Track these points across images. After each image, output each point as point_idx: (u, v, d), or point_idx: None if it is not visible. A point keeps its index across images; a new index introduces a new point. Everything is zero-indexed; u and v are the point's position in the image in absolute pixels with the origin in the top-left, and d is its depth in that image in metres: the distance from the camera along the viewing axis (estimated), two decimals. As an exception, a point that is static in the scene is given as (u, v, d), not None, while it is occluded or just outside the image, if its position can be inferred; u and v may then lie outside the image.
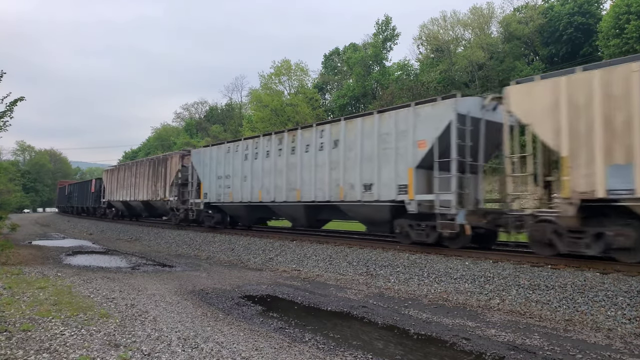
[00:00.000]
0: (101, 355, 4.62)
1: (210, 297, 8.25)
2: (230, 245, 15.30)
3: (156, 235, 20.22)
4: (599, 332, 6.13)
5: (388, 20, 52.37)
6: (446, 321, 6.69)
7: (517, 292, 7.78)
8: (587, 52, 40.26)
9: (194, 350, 5.00)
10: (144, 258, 14.46)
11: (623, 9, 29.81)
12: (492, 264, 9.14)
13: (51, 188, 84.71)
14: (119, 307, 6.95)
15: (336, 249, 12.24)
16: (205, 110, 79.17)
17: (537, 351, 5.32)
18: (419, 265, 9.81)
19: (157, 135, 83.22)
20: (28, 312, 6.22)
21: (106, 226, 27.15)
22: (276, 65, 48.22)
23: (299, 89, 48.97)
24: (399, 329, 6.34)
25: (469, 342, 5.69)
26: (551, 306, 7.15)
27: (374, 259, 10.77)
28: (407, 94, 45.14)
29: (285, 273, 11.23)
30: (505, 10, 49.41)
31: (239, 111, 66.12)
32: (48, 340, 5.03)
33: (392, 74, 50.24)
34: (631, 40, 29.01)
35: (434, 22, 49.77)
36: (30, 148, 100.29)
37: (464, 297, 8.12)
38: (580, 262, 8.58)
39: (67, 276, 9.76)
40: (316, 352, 5.20)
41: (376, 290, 9.04)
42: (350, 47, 56.88)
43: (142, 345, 5.04)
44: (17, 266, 11.13)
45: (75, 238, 22.89)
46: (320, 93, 57.65)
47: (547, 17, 43.20)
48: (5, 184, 44.55)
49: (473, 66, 44.96)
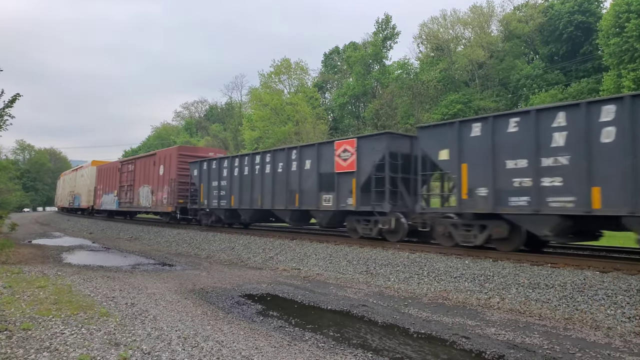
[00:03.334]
0: (101, 354, 4.62)
1: (210, 296, 8.26)
2: (230, 244, 15.31)
3: (156, 234, 20.22)
4: (599, 331, 6.14)
5: (388, 19, 52.33)
6: (446, 320, 6.69)
7: (516, 290, 7.79)
8: (587, 51, 40.26)
9: (194, 349, 5.01)
10: (144, 257, 14.47)
11: (623, 8, 29.76)
12: (492, 262, 9.15)
13: (51, 187, 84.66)
14: (119, 306, 6.95)
15: (336, 248, 12.25)
16: (205, 109, 79.23)
17: (536, 350, 5.33)
18: (418, 264, 9.82)
19: (157, 134, 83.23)
20: (28, 311, 6.22)
21: (106, 225, 27.16)
22: (276, 64, 48.18)
23: (299, 88, 48.93)
24: (399, 327, 6.35)
25: (468, 340, 5.69)
26: (551, 305, 7.16)
27: (374, 258, 10.78)
28: (407, 92, 45.16)
29: (285, 272, 11.24)
30: (505, 9, 49.43)
31: (238, 110, 66.05)
32: (48, 339, 5.04)
33: (392, 72, 50.20)
34: (631, 38, 28.97)
35: (434, 20, 49.78)
36: (30, 147, 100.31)
37: (463, 296, 8.12)
38: (580, 261, 8.59)
39: (67, 275, 9.76)
40: (316, 351, 5.20)
41: (376, 289, 9.05)
42: (351, 45, 56.85)
43: (142, 344, 5.04)
44: (17, 265, 11.14)
45: (75, 237, 22.90)
46: (320, 92, 57.65)
47: (547, 15, 43.18)
48: (5, 183, 44.52)
49: (473, 65, 44.94)
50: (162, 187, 21.60)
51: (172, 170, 20.91)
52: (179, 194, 20.47)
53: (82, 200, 35.83)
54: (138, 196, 24.23)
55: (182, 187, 20.67)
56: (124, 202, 26.16)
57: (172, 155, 21.43)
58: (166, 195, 21.09)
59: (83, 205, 35.31)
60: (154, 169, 22.60)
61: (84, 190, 35.52)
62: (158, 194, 21.88)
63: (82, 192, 35.98)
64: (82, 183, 36.10)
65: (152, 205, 22.35)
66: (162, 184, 21.61)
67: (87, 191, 34.34)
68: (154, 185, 22.36)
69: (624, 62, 29.85)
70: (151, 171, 22.83)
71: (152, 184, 22.59)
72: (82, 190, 36.12)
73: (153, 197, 22.31)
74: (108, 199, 29.18)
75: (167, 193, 20.99)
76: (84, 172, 36.49)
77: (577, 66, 40.65)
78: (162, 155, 22.59)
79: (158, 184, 22.01)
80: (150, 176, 22.79)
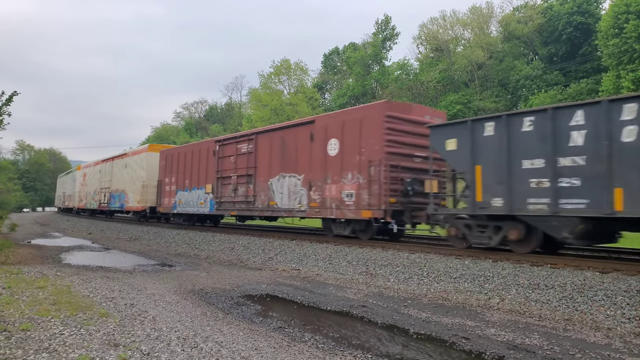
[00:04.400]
0: (100, 355, 4.61)
1: (209, 296, 8.25)
2: (229, 245, 15.30)
3: (155, 235, 20.20)
4: (599, 332, 6.14)
5: (388, 20, 52.40)
6: (446, 320, 6.69)
7: (516, 291, 7.79)
8: (586, 52, 40.32)
9: (194, 349, 5.00)
10: (143, 257, 14.45)
11: (622, 9, 29.81)
12: (492, 263, 9.15)
13: (50, 187, 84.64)
14: (119, 306, 6.94)
15: (336, 248, 12.24)
16: (205, 109, 79.27)
17: (536, 350, 5.32)
18: (418, 265, 9.81)
19: (157, 134, 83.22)
20: (27, 311, 6.21)
21: (105, 225, 27.14)
22: (276, 65, 48.27)
23: (299, 89, 48.98)
24: (399, 328, 6.34)
25: (468, 341, 5.69)
26: (551, 305, 7.16)
27: (374, 259, 10.77)
28: (407, 93, 45.19)
29: (285, 272, 11.23)
30: (504, 10, 49.58)
31: (238, 110, 66.14)
32: (47, 339, 5.03)
33: (391, 73, 50.28)
34: (630, 39, 29.01)
35: (433, 21, 49.90)
36: (29, 147, 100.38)
37: (463, 297, 8.12)
38: (579, 262, 8.59)
39: (66, 275, 9.75)
40: (315, 352, 5.19)
41: (376, 289, 9.05)
42: (350, 46, 56.94)
43: (141, 345, 5.03)
44: (17, 265, 11.12)
45: (75, 237, 22.86)
46: (320, 92, 57.71)
47: (546, 16, 43.26)
48: (5, 183, 44.52)
49: (472, 66, 44.99)
50: (341, 176, 12.97)
51: (371, 146, 12.17)
52: (391, 187, 11.80)
53: (129, 200, 26.00)
54: (267, 192, 15.70)
55: (398, 174, 11.98)
56: (230, 201, 17.53)
57: (370, 119, 12.38)
58: (360, 191, 12.34)
59: (132, 207, 25.67)
60: (309, 147, 14.16)
61: (131, 185, 25.80)
62: (329, 187, 13.30)
63: (129, 188, 26.07)
64: (128, 175, 26.59)
65: (312, 206, 13.86)
66: (342, 171, 12.92)
67: (139, 187, 24.62)
68: (314, 172, 13.84)
69: (623, 62, 29.91)
70: (301, 150, 14.46)
71: (304, 171, 14.28)
72: (127, 186, 26.39)
73: (313, 194, 13.87)
74: (189, 197, 20.18)
75: (362, 186, 12.27)
76: (131, 161, 26.56)
77: (577, 67, 40.72)
78: (336, 120, 13.50)
79: (327, 172, 13.40)
80: (299, 159, 14.48)
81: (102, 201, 30.45)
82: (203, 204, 19.15)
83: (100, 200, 30.71)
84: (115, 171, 28.58)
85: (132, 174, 25.98)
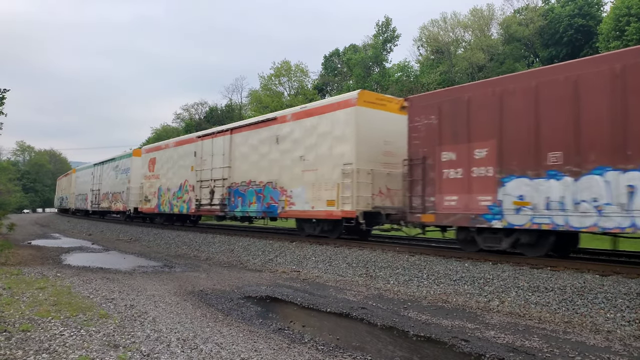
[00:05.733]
0: (100, 356, 4.62)
1: (209, 298, 8.25)
2: (229, 246, 15.31)
3: (155, 236, 20.21)
4: (598, 334, 6.14)
5: (388, 22, 52.47)
6: (445, 323, 6.69)
7: (516, 293, 7.79)
8: (587, 54, 40.32)
9: (193, 351, 5.00)
10: (143, 258, 14.45)
11: (623, 11, 29.84)
12: (492, 265, 9.15)
13: (51, 188, 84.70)
14: (119, 307, 6.95)
15: (336, 250, 12.24)
16: (205, 110, 79.19)
17: (536, 353, 5.32)
18: (418, 267, 9.81)
19: (157, 136, 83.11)
20: (27, 312, 6.22)
21: (105, 226, 27.15)
22: (276, 66, 48.42)
23: (299, 90, 49.08)
24: (398, 330, 6.34)
25: (468, 343, 5.69)
26: (550, 308, 7.16)
27: (374, 261, 10.77)
28: (407, 95, 45.21)
29: (285, 274, 11.23)
30: (505, 12, 49.56)
31: (238, 112, 66.11)
32: (47, 340, 5.03)
33: (392, 75, 50.31)
34: (631, 42, 28.99)
35: (434, 23, 49.90)
36: (30, 148, 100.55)
37: (463, 299, 8.12)
38: (579, 264, 8.59)
39: (66, 276, 9.75)
40: (315, 354, 5.20)
41: (375, 291, 9.05)
42: (351, 48, 56.98)
43: (141, 346, 5.04)
44: (17, 266, 11.13)
45: (75, 238, 22.87)
46: (320, 94, 57.67)
47: (547, 19, 43.27)
48: (5, 184, 44.55)
49: (473, 68, 44.99)
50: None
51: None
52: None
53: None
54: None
55: None
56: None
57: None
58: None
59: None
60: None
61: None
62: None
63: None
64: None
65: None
66: None
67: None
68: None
69: (623, 65, 29.84)
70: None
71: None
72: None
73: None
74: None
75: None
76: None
77: (577, 69, 40.65)
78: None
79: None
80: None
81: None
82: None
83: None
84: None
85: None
